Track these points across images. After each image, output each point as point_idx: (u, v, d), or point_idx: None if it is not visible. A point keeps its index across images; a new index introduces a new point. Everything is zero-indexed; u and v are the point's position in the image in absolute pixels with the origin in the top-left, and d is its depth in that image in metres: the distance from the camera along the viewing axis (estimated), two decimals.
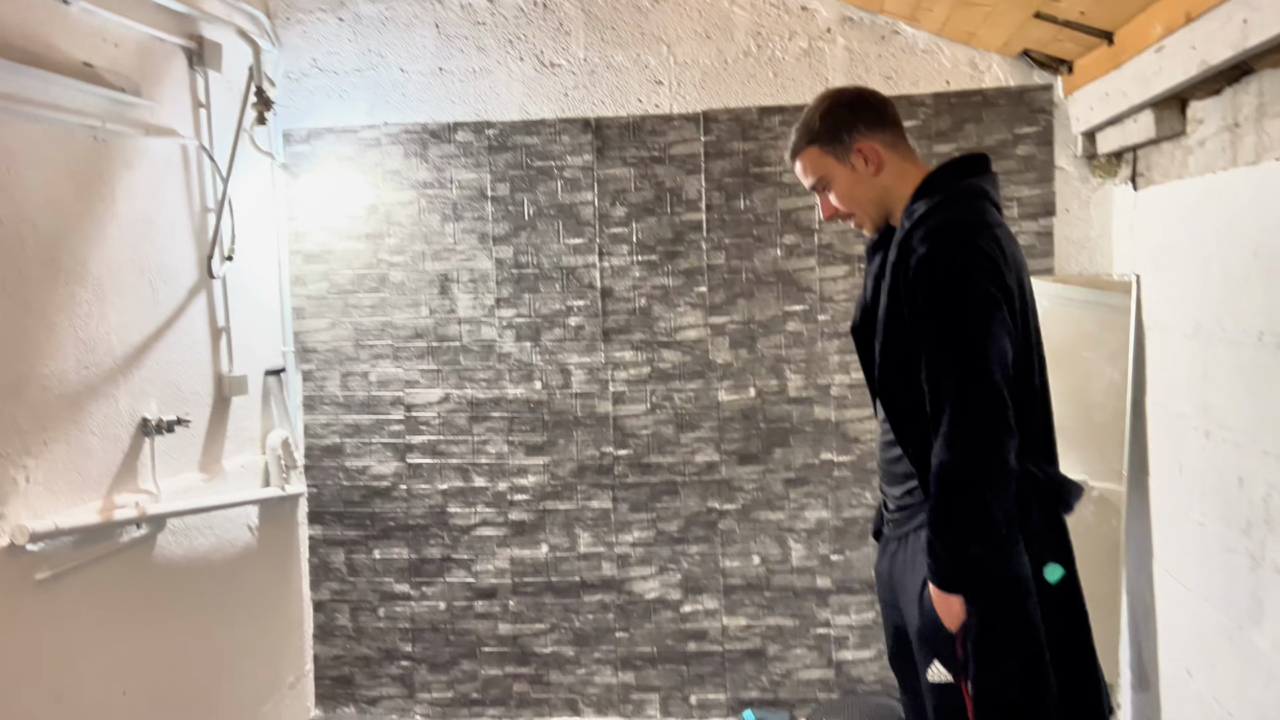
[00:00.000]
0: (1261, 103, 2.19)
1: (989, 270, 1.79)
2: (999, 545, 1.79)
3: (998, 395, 1.74)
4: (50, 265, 2.43)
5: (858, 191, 2.01)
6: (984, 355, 1.75)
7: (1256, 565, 2.28)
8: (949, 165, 1.97)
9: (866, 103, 2.01)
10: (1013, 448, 1.77)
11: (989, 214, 1.90)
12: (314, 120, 3.52)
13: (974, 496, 1.75)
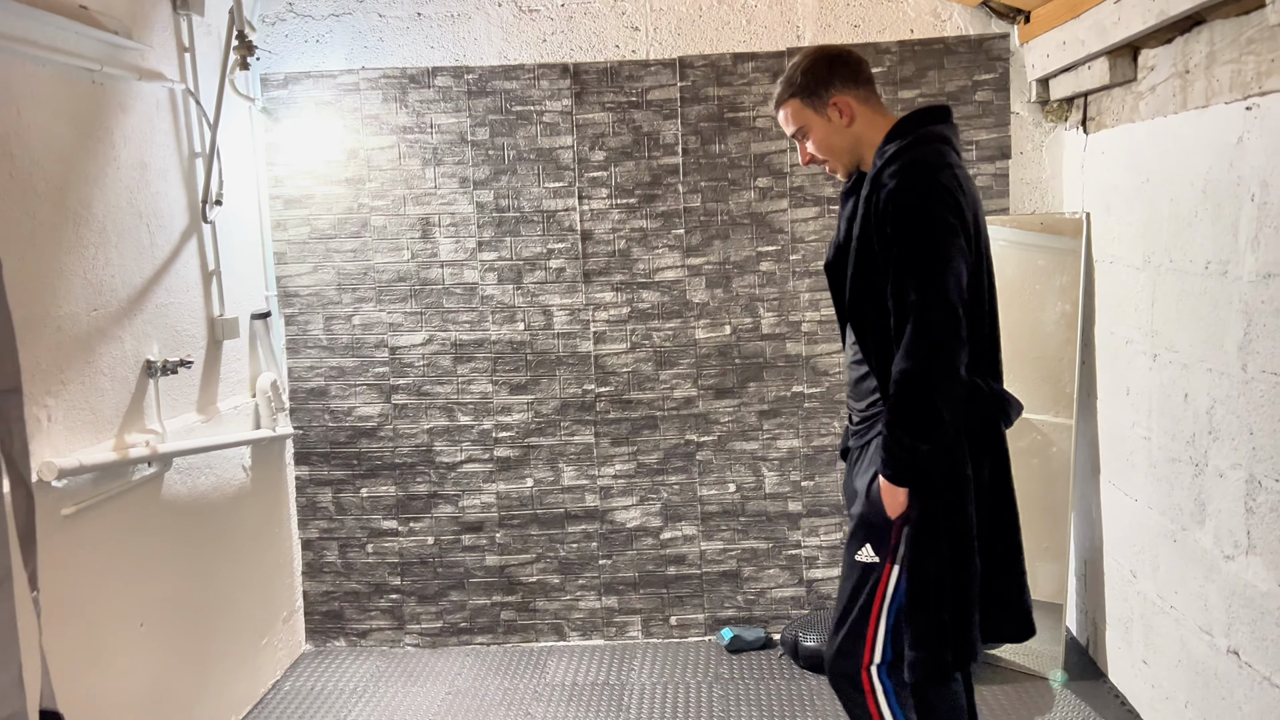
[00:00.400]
0: (1212, 50, 2.41)
1: (949, 203, 2.00)
2: (946, 444, 2.02)
3: (953, 312, 1.96)
4: (58, 208, 2.46)
5: (833, 140, 2.21)
6: (943, 277, 1.96)
7: (1200, 472, 2.54)
8: (916, 113, 2.17)
9: (844, 61, 2.20)
10: (964, 360, 1.99)
11: (949, 155, 2.10)
12: (291, 65, 3.54)
13: (927, 400, 1.97)
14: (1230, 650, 2.42)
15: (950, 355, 1.97)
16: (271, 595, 3.51)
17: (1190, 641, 2.62)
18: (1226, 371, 2.38)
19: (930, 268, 1.97)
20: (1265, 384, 2.22)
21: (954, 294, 1.97)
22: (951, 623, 2.07)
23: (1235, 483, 2.36)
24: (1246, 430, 2.30)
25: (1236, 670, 2.39)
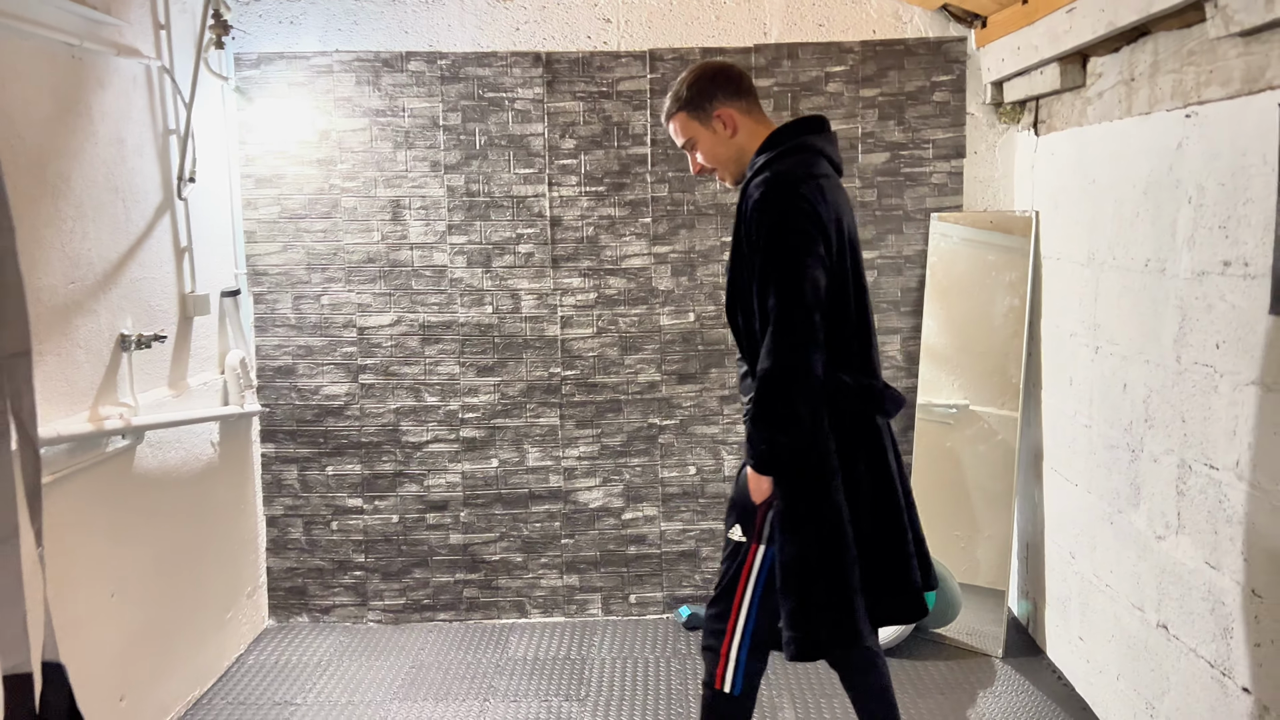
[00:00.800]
0: (1156, 60, 2.56)
1: (807, 213, 2.10)
2: (803, 437, 2.12)
3: (808, 316, 2.07)
4: (38, 180, 2.48)
5: (718, 151, 2.32)
6: (799, 284, 2.07)
7: (1136, 457, 2.70)
8: (788, 125, 2.29)
9: (725, 75, 2.31)
10: (820, 360, 2.10)
11: (816, 166, 2.20)
12: (264, 45, 3.56)
13: (784, 396, 2.09)
14: (1160, 624, 2.58)
15: (806, 355, 2.08)
16: (236, 570, 3.55)
17: (1123, 617, 2.79)
18: (1162, 363, 2.54)
19: (787, 275, 2.09)
20: (1197, 375, 2.38)
21: (809, 298, 2.08)
22: (824, 604, 2.16)
23: (1168, 467, 2.52)
24: (1179, 418, 2.46)
25: (1165, 643, 2.56)
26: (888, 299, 3.69)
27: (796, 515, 2.17)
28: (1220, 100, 2.27)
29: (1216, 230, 2.29)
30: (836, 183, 2.25)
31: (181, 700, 3.12)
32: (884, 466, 2.27)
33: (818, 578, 2.16)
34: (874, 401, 2.27)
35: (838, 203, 2.20)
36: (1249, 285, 2.17)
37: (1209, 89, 2.32)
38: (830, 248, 2.14)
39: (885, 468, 2.27)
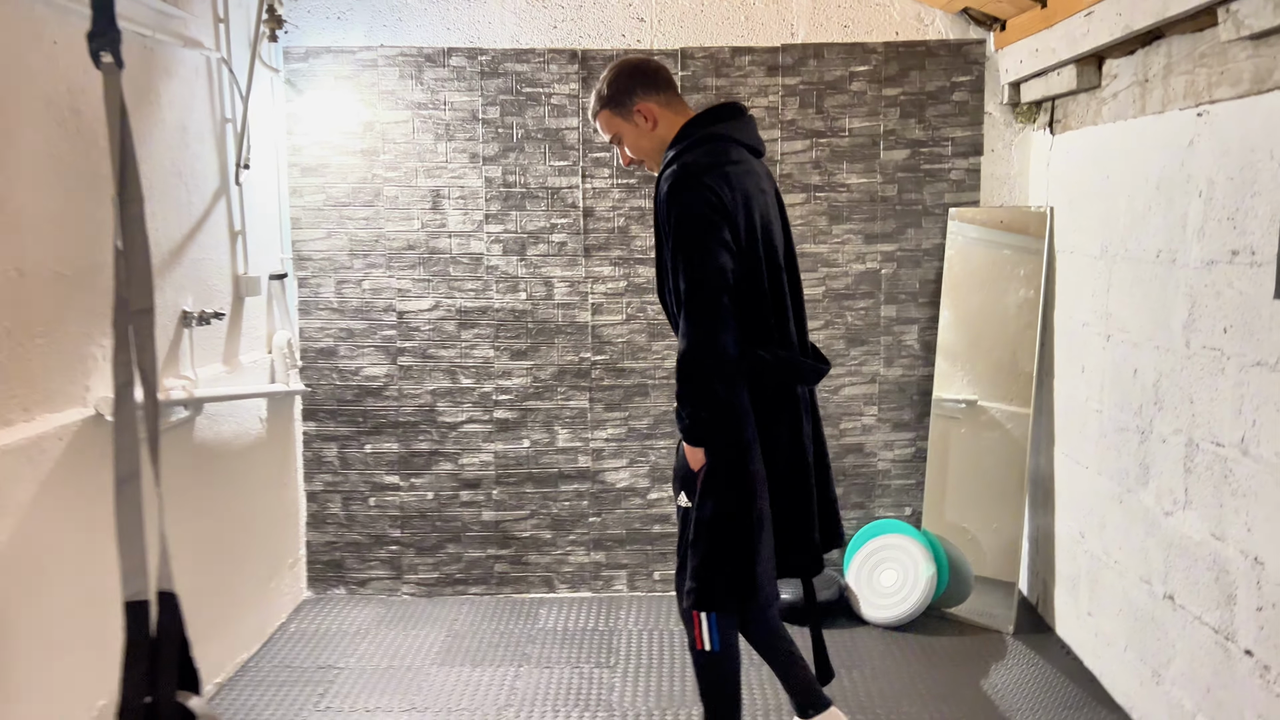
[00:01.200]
0: (1169, 62, 2.71)
1: (711, 202, 2.24)
2: (720, 410, 2.28)
3: (716, 298, 2.22)
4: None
5: (641, 143, 2.47)
6: (704, 269, 2.22)
7: (1145, 438, 2.85)
8: (699, 115, 2.42)
9: (643, 71, 2.45)
10: (731, 338, 2.25)
11: (725, 154, 2.33)
12: (313, 40, 3.72)
13: (700, 375, 2.25)
14: (1166, 595, 2.73)
15: (716, 335, 2.23)
16: (279, 542, 3.70)
17: (1131, 592, 2.93)
18: (1171, 348, 2.69)
19: (694, 261, 2.23)
20: (1205, 358, 2.53)
21: (715, 284, 2.22)
22: (726, 563, 2.33)
23: (1176, 446, 2.67)
24: (1187, 399, 2.61)
25: (1171, 612, 2.70)
26: (906, 291, 3.84)
27: (716, 480, 2.33)
28: (1230, 100, 2.42)
29: (1225, 222, 2.44)
30: (750, 168, 2.38)
31: (231, 661, 3.28)
32: (798, 435, 2.43)
33: (726, 538, 2.33)
34: (792, 372, 2.42)
35: (747, 188, 2.32)
36: (1255, 272, 2.31)
37: (1219, 89, 2.47)
38: (738, 232, 2.27)
39: (799, 436, 2.44)
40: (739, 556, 2.33)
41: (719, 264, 2.23)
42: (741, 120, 2.42)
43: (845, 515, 3.93)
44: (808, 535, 2.46)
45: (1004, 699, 3.09)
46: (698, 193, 2.24)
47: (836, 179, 3.79)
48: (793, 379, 2.42)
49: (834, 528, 2.55)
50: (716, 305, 2.22)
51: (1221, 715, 2.47)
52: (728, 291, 2.24)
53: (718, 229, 2.24)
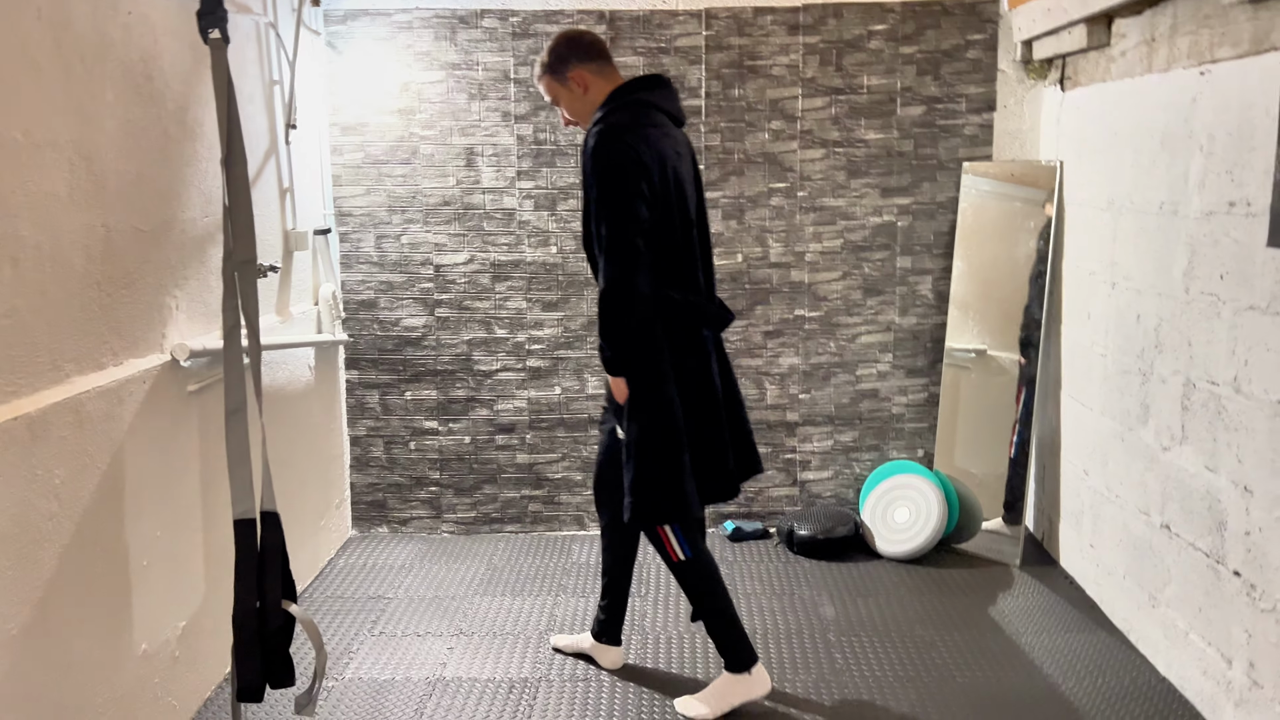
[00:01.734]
0: (1175, 23, 2.85)
1: (630, 157, 2.51)
2: (634, 343, 2.57)
3: (631, 243, 2.50)
4: (181, 125, 2.82)
5: (575, 106, 2.74)
6: (621, 218, 2.50)
7: (1146, 380, 3.04)
8: (626, 84, 2.69)
9: (578, 42, 2.72)
10: (644, 280, 2.53)
11: (644, 117, 2.61)
12: (351, 3, 3.87)
13: (617, 312, 2.54)
14: (1163, 525, 2.94)
15: (630, 278, 2.51)
16: (327, 483, 3.93)
17: (1131, 523, 3.14)
18: (1172, 294, 2.87)
19: (612, 210, 2.51)
20: (1203, 303, 2.71)
21: (631, 230, 2.50)
22: (657, 478, 2.62)
23: (1174, 386, 2.86)
24: (1186, 342, 2.80)
25: (1167, 541, 2.91)
26: (921, 242, 4.01)
27: (637, 405, 2.63)
28: (1231, 60, 2.57)
29: (1224, 175, 2.61)
30: (668, 131, 2.66)
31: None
32: (707, 370, 2.71)
33: (653, 455, 2.62)
34: (699, 316, 2.69)
35: (662, 149, 2.59)
36: (1250, 223, 2.49)
37: (1221, 49, 2.62)
38: (653, 186, 2.54)
39: (708, 371, 2.71)
40: (668, 471, 2.63)
41: (635, 212, 2.51)
42: (664, 90, 2.72)
43: (861, 456, 4.15)
44: (722, 463, 2.74)
45: (1011, 624, 3.32)
46: (618, 149, 2.51)
47: (855, 134, 3.94)
48: (699, 321, 2.70)
49: (750, 456, 2.86)
50: (632, 249, 2.51)
51: (1211, 632, 2.69)
52: (642, 237, 2.53)
53: (635, 181, 2.51)
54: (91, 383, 2.34)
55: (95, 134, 2.39)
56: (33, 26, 2.16)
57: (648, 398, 2.62)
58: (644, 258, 2.54)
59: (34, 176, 2.15)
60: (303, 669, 2.96)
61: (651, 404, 2.62)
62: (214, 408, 2.94)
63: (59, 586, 2.19)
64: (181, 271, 2.80)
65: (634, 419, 2.63)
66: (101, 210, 2.41)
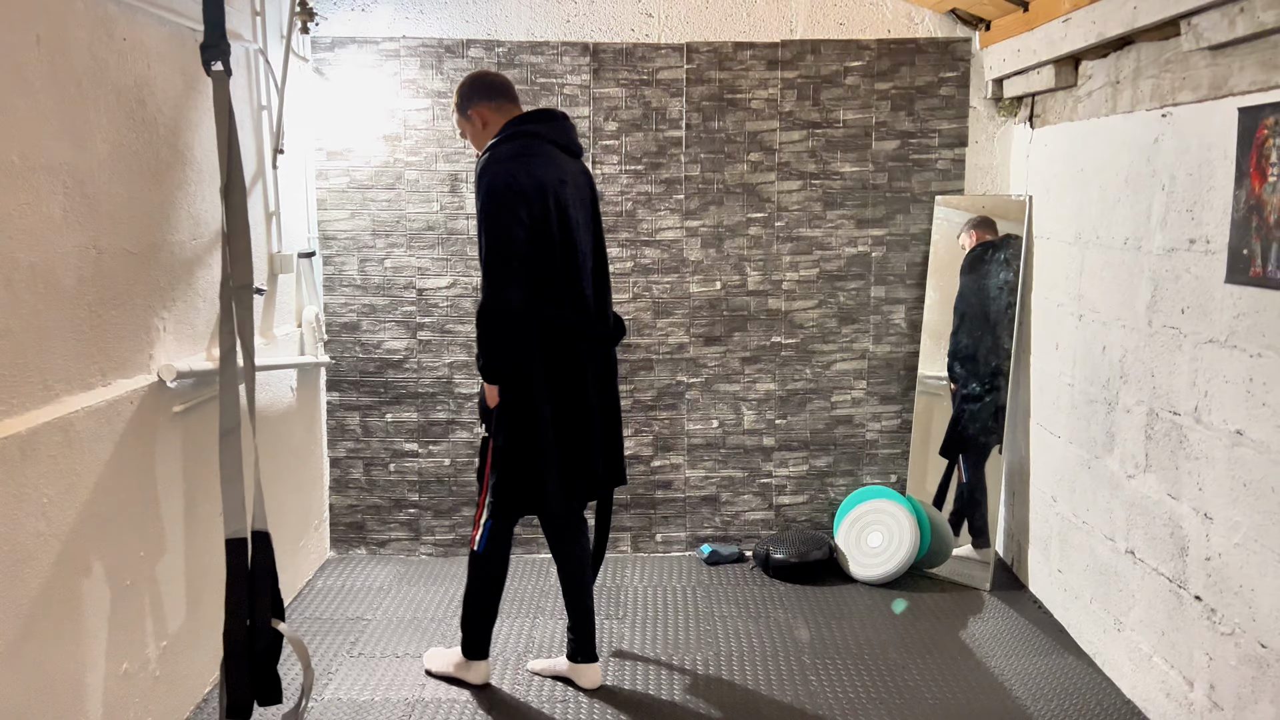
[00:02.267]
0: (1138, 66, 2.97)
1: (507, 184, 2.73)
2: (507, 355, 2.79)
3: (506, 262, 2.72)
4: (172, 149, 2.86)
5: (478, 139, 2.98)
6: (496, 238, 2.72)
7: (1111, 409, 3.13)
8: (516, 117, 2.92)
9: (479, 82, 2.98)
10: (516, 296, 2.73)
11: (529, 148, 2.82)
12: (338, 30, 3.93)
13: (490, 326, 2.75)
14: (1128, 551, 3.02)
15: (502, 294, 2.72)
16: (307, 504, 3.94)
17: (1097, 549, 3.23)
18: (1136, 326, 2.97)
19: (491, 230, 2.73)
20: (1165, 336, 2.81)
21: (506, 251, 2.72)
22: (517, 480, 2.85)
23: (1138, 416, 2.96)
24: (1149, 373, 2.89)
25: (1132, 566, 3.00)
26: (895, 273, 4.11)
27: (505, 412, 2.85)
28: (1191, 103, 2.69)
29: (1184, 213, 2.71)
30: (553, 160, 2.85)
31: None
32: (580, 382, 2.90)
33: (515, 461, 2.85)
34: (573, 332, 2.88)
35: (543, 177, 2.79)
36: (1209, 259, 2.59)
37: (1182, 93, 2.73)
38: (531, 211, 2.74)
39: (581, 383, 2.91)
40: (529, 477, 2.86)
41: (511, 234, 2.72)
42: (553, 123, 2.93)
43: (835, 481, 4.22)
44: (590, 468, 2.96)
45: (981, 648, 3.38)
46: (499, 176, 2.74)
47: (831, 167, 4.04)
48: (575, 337, 2.89)
49: (617, 466, 3.08)
50: (507, 268, 2.72)
51: (1174, 655, 2.77)
52: (517, 258, 2.73)
53: (512, 206, 2.72)
54: (81, 403, 2.36)
55: (88, 157, 2.43)
56: (31, 51, 2.21)
57: (516, 406, 2.84)
58: (518, 276, 2.73)
59: (30, 199, 2.19)
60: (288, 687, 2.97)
61: (519, 412, 2.84)
62: (199, 429, 2.96)
63: (44, 605, 2.21)
64: (169, 293, 2.83)
65: (502, 426, 2.85)
66: (93, 232, 2.45)
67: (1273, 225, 2.32)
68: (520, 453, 2.85)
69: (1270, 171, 2.33)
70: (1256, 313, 2.40)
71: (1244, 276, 2.43)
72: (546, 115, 2.95)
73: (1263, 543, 2.37)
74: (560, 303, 2.85)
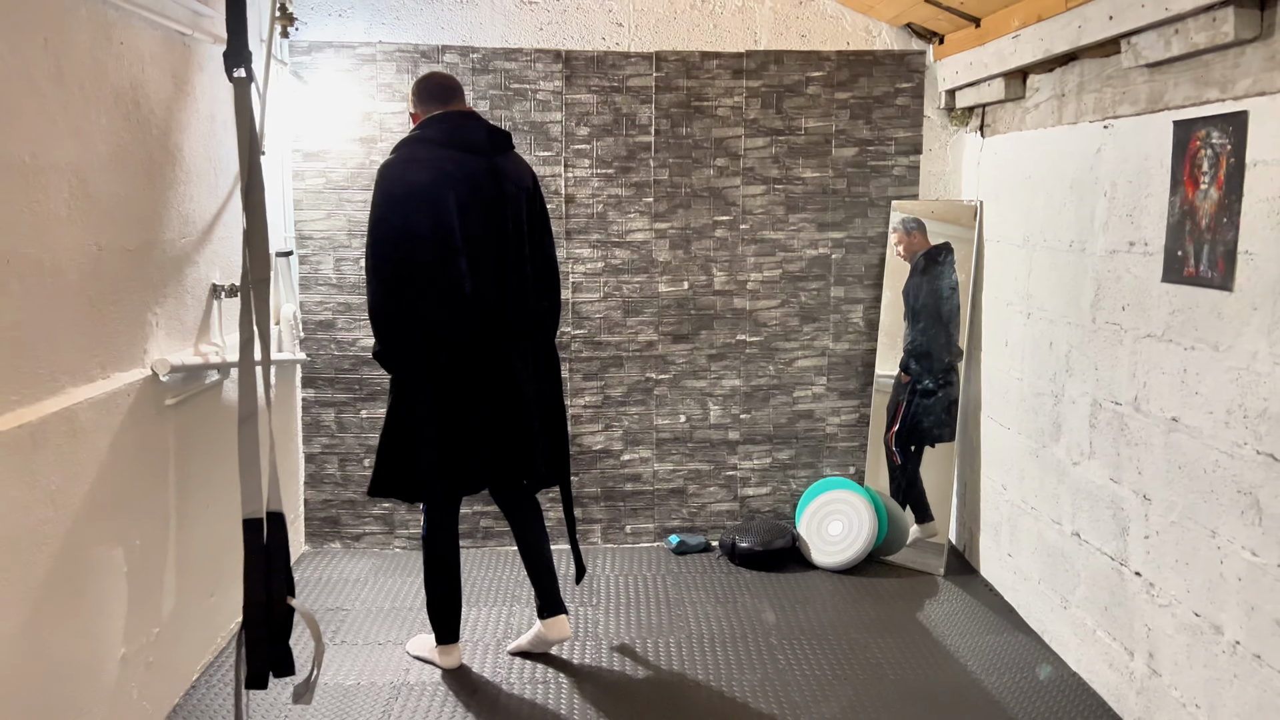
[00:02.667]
0: (1082, 81, 3.19)
1: (386, 188, 2.95)
2: (386, 351, 3.02)
3: (370, 266, 2.95)
4: (164, 150, 2.94)
5: None
6: (374, 238, 2.94)
7: (1058, 401, 3.35)
8: (420, 122, 3.10)
9: (416, 86, 3.16)
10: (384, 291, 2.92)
11: (413, 151, 3.00)
12: (316, 35, 4.02)
13: (375, 323, 3.00)
14: (1073, 533, 3.23)
15: (376, 288, 2.94)
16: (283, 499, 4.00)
17: (1045, 532, 3.44)
18: (1080, 323, 3.19)
19: (370, 237, 2.96)
20: (1107, 331, 3.02)
21: (371, 252, 2.94)
22: (392, 465, 3.06)
23: (1083, 406, 3.17)
24: (1093, 366, 3.11)
25: (1077, 547, 3.21)
26: (853, 274, 4.30)
27: (389, 404, 3.10)
28: (1130, 116, 2.90)
29: (1124, 218, 2.93)
30: (438, 162, 2.96)
31: None
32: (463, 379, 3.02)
33: (387, 448, 3.08)
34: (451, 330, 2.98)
35: (422, 179, 2.93)
36: (1147, 260, 2.81)
37: (1122, 107, 2.95)
38: (408, 213, 2.91)
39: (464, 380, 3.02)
40: (403, 463, 3.06)
41: (376, 237, 2.93)
42: (445, 125, 3.02)
43: (797, 473, 4.40)
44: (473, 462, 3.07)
45: (936, 628, 3.58)
46: (379, 180, 2.97)
47: (793, 173, 4.22)
48: (454, 335, 3.00)
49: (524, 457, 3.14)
50: (371, 268, 2.95)
51: (1116, 628, 2.98)
52: (383, 258, 2.92)
53: (381, 211, 2.93)
54: (84, 394, 2.45)
55: (90, 156, 2.51)
56: (39, 54, 2.29)
57: (395, 398, 3.08)
58: (383, 276, 2.92)
59: (39, 197, 2.27)
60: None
61: (396, 404, 3.07)
62: (189, 421, 3.04)
63: (51, 589, 2.29)
64: (161, 290, 2.91)
65: (387, 417, 3.10)
66: (94, 230, 2.53)
67: (1204, 229, 2.54)
68: (392, 441, 3.07)
69: (1202, 180, 2.55)
70: (1189, 309, 2.61)
71: (1179, 276, 2.65)
72: (441, 119, 3.04)
73: (1196, 520, 2.58)
74: (438, 303, 2.96)
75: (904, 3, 3.82)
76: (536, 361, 3.22)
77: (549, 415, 3.26)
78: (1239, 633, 2.42)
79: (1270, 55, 2.31)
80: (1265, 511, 2.32)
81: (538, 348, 3.24)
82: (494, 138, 3.08)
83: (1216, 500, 2.50)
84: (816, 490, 4.31)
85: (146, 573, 2.78)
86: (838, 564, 4.09)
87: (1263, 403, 2.33)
